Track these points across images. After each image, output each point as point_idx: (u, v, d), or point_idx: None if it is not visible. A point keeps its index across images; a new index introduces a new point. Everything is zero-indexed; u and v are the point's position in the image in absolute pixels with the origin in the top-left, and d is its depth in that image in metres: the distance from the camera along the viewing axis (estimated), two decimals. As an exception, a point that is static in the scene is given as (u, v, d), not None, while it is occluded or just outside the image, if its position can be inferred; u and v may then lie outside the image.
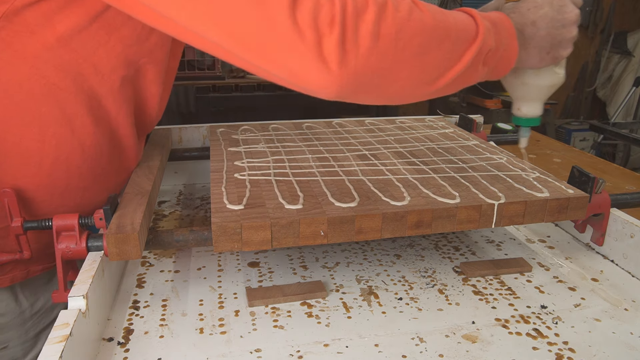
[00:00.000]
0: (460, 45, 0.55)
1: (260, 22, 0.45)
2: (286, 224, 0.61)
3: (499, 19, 0.61)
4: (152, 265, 0.75)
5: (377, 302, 0.66)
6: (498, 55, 0.60)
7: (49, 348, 0.45)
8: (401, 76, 0.52)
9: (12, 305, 0.72)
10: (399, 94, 0.55)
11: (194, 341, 0.58)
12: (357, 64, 0.47)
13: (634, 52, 4.03)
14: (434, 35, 0.52)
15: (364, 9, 0.47)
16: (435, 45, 0.52)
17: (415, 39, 0.51)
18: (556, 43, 0.63)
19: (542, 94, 0.71)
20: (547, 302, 0.67)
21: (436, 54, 0.53)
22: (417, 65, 0.52)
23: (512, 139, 1.17)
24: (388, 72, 0.50)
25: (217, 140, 0.92)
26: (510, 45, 0.61)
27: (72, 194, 0.68)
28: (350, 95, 0.51)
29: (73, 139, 0.64)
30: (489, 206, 0.67)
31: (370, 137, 0.97)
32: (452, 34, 0.54)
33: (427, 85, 0.55)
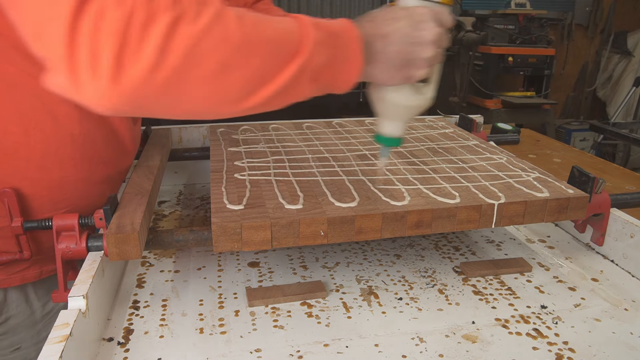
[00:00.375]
0: (275, 61, 0.49)
1: (41, 20, 0.41)
2: (286, 224, 0.61)
3: (343, 29, 0.54)
4: (152, 265, 0.75)
5: (377, 302, 0.66)
6: (335, 70, 0.54)
7: (49, 348, 0.45)
8: (195, 95, 0.46)
9: (22, 306, 0.72)
10: (197, 111, 0.49)
11: (194, 341, 0.58)
12: (137, 80, 0.42)
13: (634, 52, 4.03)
14: (240, 51, 0.46)
15: (153, 21, 0.42)
16: (241, 61, 0.47)
17: (214, 56, 0.45)
18: (408, 61, 0.57)
19: (401, 114, 0.63)
20: (547, 302, 0.67)
21: (243, 72, 0.47)
22: (218, 84, 0.46)
23: (512, 139, 1.17)
24: (178, 90, 0.45)
25: (217, 140, 0.92)
26: (352, 58, 0.54)
27: (72, 186, 0.67)
28: (132, 111, 0.46)
29: (59, 129, 0.62)
30: (489, 206, 0.67)
31: (370, 137, 0.97)
32: (263, 50, 0.48)
33: (232, 104, 0.49)
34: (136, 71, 0.42)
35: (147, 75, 0.42)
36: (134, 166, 0.81)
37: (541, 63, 3.34)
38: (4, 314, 0.70)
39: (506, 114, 3.23)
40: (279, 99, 0.52)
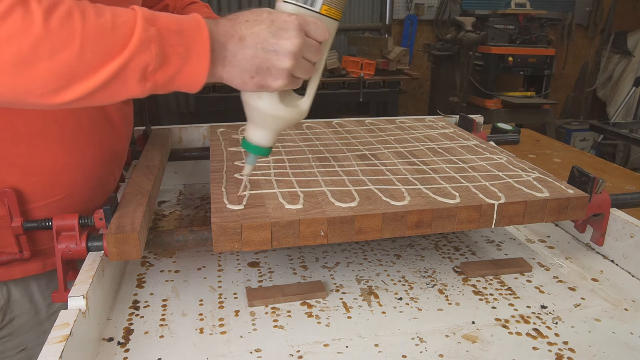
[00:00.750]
0: (91, 56, 0.47)
1: None
2: (286, 224, 0.61)
3: (189, 27, 0.51)
4: (152, 265, 0.75)
5: (377, 302, 0.66)
6: (172, 69, 0.51)
7: (49, 348, 0.45)
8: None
9: (27, 307, 0.71)
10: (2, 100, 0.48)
11: (194, 341, 0.58)
12: None
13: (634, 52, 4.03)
14: (44, 43, 0.45)
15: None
16: (45, 54, 0.45)
17: (12, 45, 0.44)
18: (264, 69, 0.53)
19: (267, 123, 0.59)
20: (547, 302, 0.67)
21: (46, 66, 0.46)
22: (16, 76, 0.45)
23: (512, 139, 1.17)
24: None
25: (217, 140, 0.92)
26: (196, 58, 0.51)
27: (63, 171, 0.65)
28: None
29: (42, 112, 0.61)
30: (489, 206, 0.67)
31: (370, 137, 0.97)
32: (76, 44, 0.46)
33: (40, 96, 0.48)
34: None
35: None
36: (133, 166, 0.81)
37: (541, 63, 3.34)
38: (8, 315, 0.70)
39: (506, 114, 3.23)
40: (103, 96, 0.50)
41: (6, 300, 0.70)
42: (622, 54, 4.11)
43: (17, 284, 0.70)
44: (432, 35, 3.84)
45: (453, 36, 3.41)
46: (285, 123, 0.59)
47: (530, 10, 3.35)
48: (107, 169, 0.73)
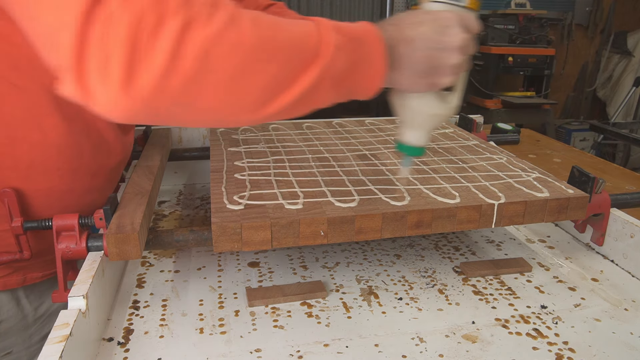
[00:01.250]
0: (293, 67, 0.47)
1: (51, 30, 0.40)
2: (286, 224, 0.61)
3: (365, 33, 0.52)
4: (152, 265, 0.75)
5: (377, 302, 0.66)
6: (357, 75, 0.52)
7: (49, 348, 0.45)
8: (212, 101, 0.44)
9: (14, 310, 0.71)
10: (214, 119, 0.48)
11: (194, 341, 0.58)
12: (149, 87, 0.40)
13: (634, 52, 4.03)
14: (255, 56, 0.44)
15: (162, 25, 0.39)
16: (256, 67, 0.44)
17: (227, 60, 0.43)
18: (433, 68, 0.54)
19: (425, 123, 0.61)
20: (547, 302, 0.67)
21: (259, 77, 0.45)
22: (232, 90, 0.44)
23: (512, 139, 1.17)
24: (193, 97, 0.43)
25: (217, 140, 0.92)
26: (375, 63, 0.52)
27: (57, 196, 0.66)
28: (148, 119, 0.45)
29: (45, 141, 0.61)
30: (489, 206, 0.67)
31: (370, 137, 0.97)
32: (280, 55, 0.46)
33: (249, 112, 0.47)
34: (147, 78, 0.40)
35: (158, 82, 0.40)
36: (133, 166, 0.81)
37: (541, 63, 3.34)
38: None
39: (506, 114, 3.23)
40: (300, 106, 0.50)
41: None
42: (622, 54, 4.10)
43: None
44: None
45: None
46: (441, 120, 0.61)
47: (530, 10, 3.35)
48: (100, 194, 0.73)
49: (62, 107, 0.61)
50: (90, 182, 0.69)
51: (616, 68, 4.15)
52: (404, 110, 0.60)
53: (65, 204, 0.67)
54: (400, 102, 0.60)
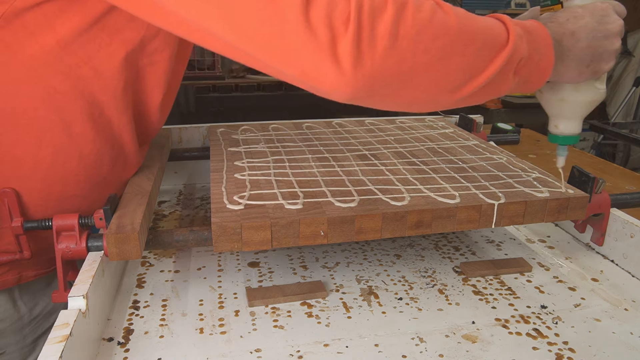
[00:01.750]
0: (487, 51, 0.51)
1: (271, 18, 0.43)
2: (286, 224, 0.61)
3: (534, 27, 0.56)
4: (152, 265, 0.75)
5: (377, 302, 0.66)
6: (532, 65, 0.55)
7: (49, 348, 0.45)
8: (421, 81, 0.49)
9: (10, 311, 0.71)
10: (418, 100, 0.52)
11: (194, 341, 0.58)
12: (373, 65, 0.45)
13: (634, 52, 4.03)
14: (459, 39, 0.48)
15: (382, 8, 0.44)
16: (459, 49, 0.49)
17: (437, 41, 0.47)
18: (597, 55, 0.59)
19: (581, 111, 0.66)
20: (547, 302, 0.67)
21: (460, 60, 0.49)
22: (439, 71, 0.49)
23: (512, 139, 1.17)
24: (407, 76, 0.47)
25: (217, 140, 0.92)
26: (545, 55, 0.56)
27: (69, 201, 0.67)
28: (365, 99, 0.49)
29: (71, 146, 0.63)
30: (489, 206, 0.67)
31: (370, 137, 0.97)
32: (478, 39, 0.50)
33: (450, 93, 0.51)
34: (373, 57, 0.44)
35: (382, 61, 0.44)
36: (134, 166, 0.81)
37: (541, 63, 3.34)
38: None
39: (506, 114, 3.23)
40: (487, 90, 0.53)
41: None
42: (622, 54, 4.10)
43: (2, 290, 0.70)
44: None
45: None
46: (594, 106, 0.66)
47: (530, 10, 3.34)
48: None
49: (95, 117, 0.63)
50: (104, 191, 0.70)
51: (616, 68, 4.15)
52: (560, 103, 0.65)
53: (75, 209, 0.67)
54: (553, 96, 0.65)
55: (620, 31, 0.59)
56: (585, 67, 0.59)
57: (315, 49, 0.43)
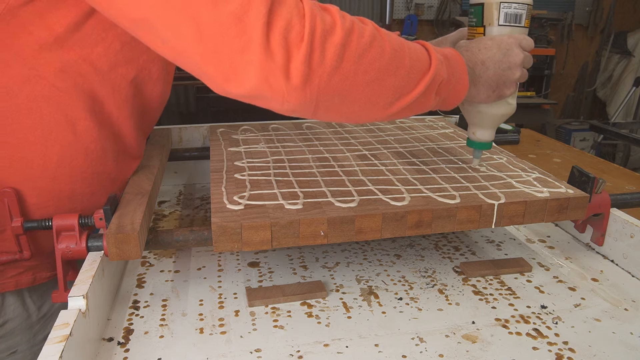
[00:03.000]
0: (415, 73, 0.57)
1: (236, 37, 0.47)
2: (286, 224, 0.61)
3: (452, 55, 0.64)
4: (152, 265, 0.75)
5: (377, 302, 0.66)
6: (450, 87, 0.63)
7: (49, 348, 0.45)
8: (359, 98, 0.54)
9: (19, 310, 0.72)
10: (355, 114, 0.57)
11: (194, 341, 0.58)
12: (320, 82, 0.50)
13: (634, 52, 4.03)
14: (392, 62, 0.55)
15: (332, 32, 0.50)
16: (392, 71, 0.55)
17: (375, 64, 0.53)
18: (501, 83, 0.68)
19: (494, 122, 0.76)
20: (547, 302, 0.67)
21: (393, 80, 0.55)
22: (375, 89, 0.55)
23: (512, 139, 1.17)
24: (348, 92, 0.53)
25: (217, 140, 0.92)
26: (461, 79, 0.64)
27: (79, 199, 0.67)
28: (309, 111, 0.53)
29: (76, 143, 0.64)
30: (489, 206, 0.67)
31: (370, 137, 0.97)
32: (407, 63, 0.56)
33: (382, 108, 0.57)
34: (321, 76, 0.50)
35: (328, 79, 0.50)
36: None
37: (541, 63, 3.35)
38: (1, 318, 0.70)
39: (506, 114, 3.23)
40: (413, 107, 0.60)
41: (0, 305, 0.70)
42: (622, 54, 4.11)
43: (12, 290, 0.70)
44: (432, 35, 3.84)
45: (453, 36, 3.40)
46: (505, 118, 0.76)
47: (530, 10, 3.34)
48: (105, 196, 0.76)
49: (96, 113, 0.65)
50: (110, 187, 0.71)
51: (616, 68, 4.15)
52: (478, 114, 0.74)
53: (84, 207, 0.69)
54: (472, 109, 0.74)
55: (521, 63, 0.68)
56: (492, 92, 0.69)
57: (272, 67, 0.47)
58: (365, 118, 0.59)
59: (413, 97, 0.58)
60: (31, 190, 0.63)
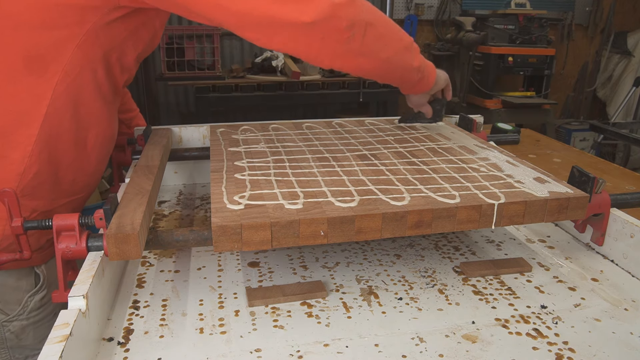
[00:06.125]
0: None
1: None
2: (286, 223, 0.61)
3: (428, 65, 0.92)
4: (152, 265, 0.75)
5: (377, 302, 0.66)
6: (425, 71, 0.91)
7: (49, 348, 0.45)
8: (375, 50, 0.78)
9: (54, 277, 0.80)
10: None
11: (194, 341, 0.58)
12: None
13: (634, 52, 4.03)
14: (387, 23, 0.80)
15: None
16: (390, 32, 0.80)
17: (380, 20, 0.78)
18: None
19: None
20: (547, 302, 0.67)
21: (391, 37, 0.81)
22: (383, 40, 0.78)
23: (512, 139, 1.17)
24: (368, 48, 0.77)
25: (217, 140, 0.92)
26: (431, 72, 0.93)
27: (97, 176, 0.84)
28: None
29: (85, 145, 0.79)
30: (489, 206, 0.67)
31: (370, 137, 0.97)
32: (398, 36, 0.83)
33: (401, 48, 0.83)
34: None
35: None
36: (134, 166, 0.81)
37: (541, 63, 3.34)
38: (49, 280, 0.79)
39: (506, 114, 3.23)
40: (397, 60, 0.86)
41: (49, 268, 0.79)
42: (622, 54, 4.10)
43: None
44: (432, 35, 3.84)
45: (453, 36, 3.41)
46: None
47: (530, 10, 3.35)
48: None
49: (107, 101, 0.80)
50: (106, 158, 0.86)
51: (616, 68, 4.15)
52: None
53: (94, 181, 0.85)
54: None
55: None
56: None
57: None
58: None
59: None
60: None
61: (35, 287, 0.78)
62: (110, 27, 0.72)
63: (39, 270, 0.79)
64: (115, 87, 0.80)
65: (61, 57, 0.70)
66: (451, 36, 3.41)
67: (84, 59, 0.72)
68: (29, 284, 0.78)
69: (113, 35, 0.73)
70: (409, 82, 0.91)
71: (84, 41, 0.70)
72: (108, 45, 0.73)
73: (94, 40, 0.71)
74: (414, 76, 0.89)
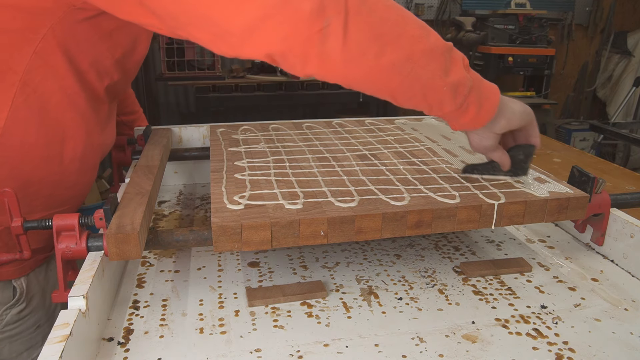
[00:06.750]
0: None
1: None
2: (286, 224, 0.61)
3: (489, 88, 0.65)
4: (152, 265, 0.75)
5: (377, 302, 0.66)
6: (477, 96, 0.62)
7: (49, 348, 0.45)
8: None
9: (38, 287, 0.79)
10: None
11: (194, 341, 0.58)
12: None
13: (634, 52, 4.03)
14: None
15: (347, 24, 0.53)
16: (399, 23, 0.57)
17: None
18: None
19: None
20: (547, 302, 0.67)
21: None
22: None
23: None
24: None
25: (217, 140, 0.92)
26: (488, 110, 0.65)
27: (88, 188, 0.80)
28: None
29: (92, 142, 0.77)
30: (489, 206, 0.67)
31: (370, 137, 0.97)
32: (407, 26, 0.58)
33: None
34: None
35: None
36: (134, 166, 0.81)
37: (541, 63, 3.34)
38: (29, 294, 0.76)
39: (506, 114, 3.22)
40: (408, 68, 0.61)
41: (29, 280, 0.76)
42: (622, 54, 4.11)
43: None
44: (432, 35, 3.83)
45: (453, 36, 3.41)
46: None
47: (530, 10, 3.35)
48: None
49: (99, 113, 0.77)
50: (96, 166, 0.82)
51: (616, 68, 4.15)
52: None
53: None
54: None
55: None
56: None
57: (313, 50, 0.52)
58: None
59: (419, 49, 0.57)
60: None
61: (12, 300, 0.75)
62: (74, 32, 0.66)
63: (16, 283, 0.75)
64: (94, 94, 0.73)
65: (17, 65, 0.64)
66: (451, 36, 3.41)
67: (44, 66, 0.65)
68: (5, 297, 0.75)
69: (78, 40, 0.66)
70: (441, 107, 0.61)
71: (41, 47, 0.64)
72: (74, 50, 0.67)
73: (54, 47, 0.65)
74: (447, 98, 0.59)
